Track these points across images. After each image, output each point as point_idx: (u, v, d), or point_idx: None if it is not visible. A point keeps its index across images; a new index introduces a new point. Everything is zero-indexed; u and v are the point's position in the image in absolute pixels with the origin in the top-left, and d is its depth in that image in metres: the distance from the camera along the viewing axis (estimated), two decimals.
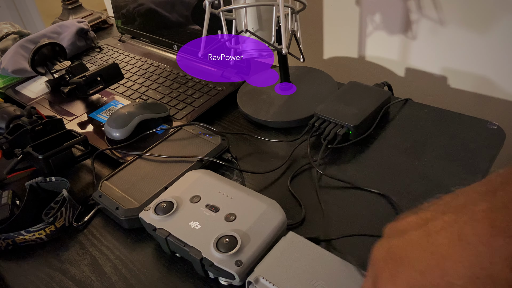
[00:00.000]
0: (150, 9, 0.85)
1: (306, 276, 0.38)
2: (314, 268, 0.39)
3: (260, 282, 0.39)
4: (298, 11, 0.53)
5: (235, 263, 0.41)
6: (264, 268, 0.40)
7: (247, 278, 0.41)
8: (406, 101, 0.63)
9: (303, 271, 0.38)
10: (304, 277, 0.38)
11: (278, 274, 0.39)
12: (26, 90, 0.82)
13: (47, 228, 0.51)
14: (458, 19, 0.62)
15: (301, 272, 0.38)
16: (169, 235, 0.44)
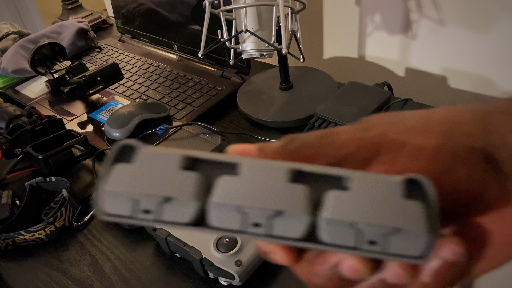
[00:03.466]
0: (150, 9, 0.85)
1: None
2: None
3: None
4: (298, 11, 0.52)
5: (235, 263, 0.41)
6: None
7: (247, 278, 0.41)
8: (406, 101, 0.63)
9: None
10: None
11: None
12: (26, 90, 0.82)
13: (47, 228, 0.51)
14: (458, 19, 0.61)
15: None
16: (169, 235, 0.44)
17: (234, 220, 0.15)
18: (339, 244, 0.15)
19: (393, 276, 0.16)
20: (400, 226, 0.14)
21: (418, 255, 0.15)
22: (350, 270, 0.16)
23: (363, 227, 0.15)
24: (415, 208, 0.15)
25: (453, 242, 0.16)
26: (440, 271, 0.16)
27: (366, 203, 0.15)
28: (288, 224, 0.15)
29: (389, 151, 0.18)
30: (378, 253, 0.15)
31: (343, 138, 0.18)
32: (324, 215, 0.15)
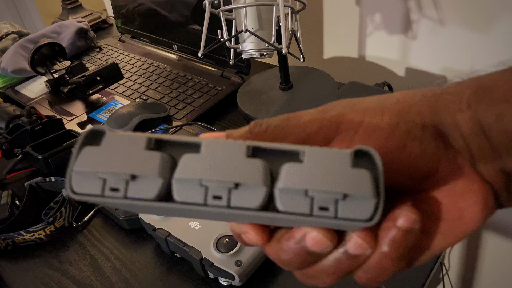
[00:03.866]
0: (150, 9, 0.85)
1: None
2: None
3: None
4: (298, 11, 0.52)
5: (235, 263, 0.41)
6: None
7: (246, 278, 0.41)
8: None
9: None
10: None
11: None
12: (25, 90, 0.81)
13: (47, 228, 0.51)
14: (459, 18, 0.61)
15: None
16: (169, 235, 0.44)
17: (196, 194, 0.16)
18: (294, 212, 0.16)
19: (354, 247, 0.17)
20: (348, 192, 0.16)
21: (366, 218, 0.16)
22: (313, 241, 0.17)
23: (314, 195, 0.16)
24: (362, 175, 0.16)
25: (407, 211, 0.17)
26: (396, 239, 0.17)
27: (317, 172, 0.16)
28: (247, 196, 0.16)
29: (347, 130, 0.19)
30: (330, 218, 0.16)
31: (305, 119, 0.20)
32: (278, 185, 0.16)
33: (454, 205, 0.19)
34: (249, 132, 0.19)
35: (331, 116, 0.20)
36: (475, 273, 0.84)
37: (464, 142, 0.19)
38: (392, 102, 0.20)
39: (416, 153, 0.19)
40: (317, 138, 0.19)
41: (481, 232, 0.77)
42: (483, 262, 0.82)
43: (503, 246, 0.76)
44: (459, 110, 0.19)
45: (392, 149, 0.19)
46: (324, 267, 0.19)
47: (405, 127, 0.19)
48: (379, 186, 0.16)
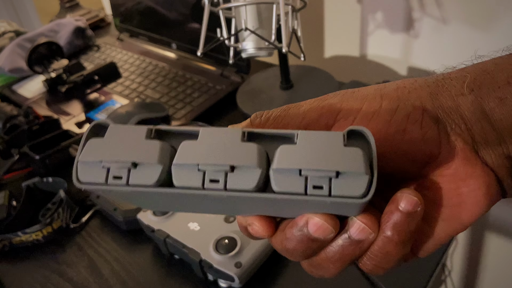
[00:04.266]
0: (149, 7, 0.84)
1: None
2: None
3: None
4: (298, 9, 0.52)
5: (235, 265, 0.40)
6: None
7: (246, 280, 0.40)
8: None
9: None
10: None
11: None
12: (23, 90, 0.81)
13: (44, 229, 0.50)
14: (461, 17, 0.61)
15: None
16: (168, 236, 0.44)
17: (194, 179, 0.17)
18: (289, 192, 0.16)
19: (357, 231, 0.18)
20: (341, 169, 0.16)
21: (360, 195, 0.16)
22: (315, 227, 0.17)
23: (308, 173, 0.16)
24: (355, 152, 0.16)
25: (409, 193, 0.17)
26: (399, 222, 0.17)
27: (310, 152, 0.16)
28: (243, 178, 0.16)
29: (346, 117, 0.19)
30: (325, 196, 0.16)
31: (304, 108, 0.20)
32: (272, 166, 0.17)
33: (456, 191, 0.19)
34: (250, 124, 0.20)
35: (330, 104, 0.20)
36: (478, 274, 0.84)
37: (466, 126, 0.19)
38: (392, 89, 0.20)
39: (416, 137, 0.19)
40: (317, 126, 0.20)
41: (484, 233, 0.77)
42: (485, 264, 0.81)
43: (506, 247, 0.75)
44: (461, 94, 0.19)
45: (391, 133, 0.19)
46: (329, 254, 0.19)
47: (405, 111, 0.19)
48: (372, 163, 0.16)
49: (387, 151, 0.19)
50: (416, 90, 0.20)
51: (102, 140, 0.17)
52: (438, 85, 0.20)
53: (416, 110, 0.19)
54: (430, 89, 0.20)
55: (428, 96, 0.19)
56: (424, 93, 0.19)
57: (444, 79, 0.20)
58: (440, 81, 0.20)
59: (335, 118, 0.19)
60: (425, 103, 0.19)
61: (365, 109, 0.19)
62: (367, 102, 0.19)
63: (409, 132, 0.19)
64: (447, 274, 0.65)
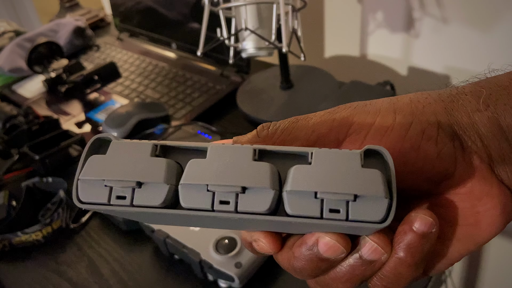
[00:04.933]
0: (148, 7, 0.84)
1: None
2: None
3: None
4: (299, 9, 0.52)
5: (235, 265, 0.40)
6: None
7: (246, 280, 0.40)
8: None
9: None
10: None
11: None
12: (22, 90, 0.81)
13: (44, 229, 0.50)
14: (462, 17, 0.61)
15: None
16: (168, 236, 0.44)
17: (203, 200, 0.16)
18: (303, 215, 0.16)
19: (369, 252, 0.17)
20: (359, 193, 0.15)
21: (379, 220, 0.15)
22: (326, 247, 0.17)
23: (324, 196, 0.15)
24: (373, 174, 0.15)
25: (424, 214, 0.17)
26: (413, 243, 0.17)
27: (326, 173, 0.16)
28: (254, 200, 0.16)
29: (358, 131, 0.19)
30: (342, 220, 0.15)
31: (314, 121, 0.19)
32: (286, 188, 0.16)
33: (471, 210, 0.19)
34: (256, 136, 0.19)
35: (341, 117, 0.19)
36: (478, 275, 0.84)
37: (482, 143, 0.18)
38: (405, 103, 0.19)
39: (432, 154, 0.18)
40: (327, 140, 0.19)
41: None
42: (486, 264, 0.81)
43: (506, 247, 0.75)
44: (477, 110, 0.18)
45: (406, 150, 0.18)
46: (338, 274, 0.18)
47: (420, 127, 0.18)
48: (391, 186, 0.16)
49: (401, 168, 0.18)
50: (431, 105, 0.19)
51: (104, 157, 0.16)
52: (453, 100, 0.19)
53: (431, 126, 0.18)
54: (445, 104, 0.19)
55: (443, 112, 0.19)
56: (439, 109, 0.19)
57: (458, 94, 0.19)
58: (455, 96, 0.19)
59: (346, 132, 0.19)
60: (440, 119, 0.19)
61: (378, 124, 0.19)
62: (380, 117, 0.19)
63: (424, 149, 0.18)
64: (447, 274, 0.65)
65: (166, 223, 0.21)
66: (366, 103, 0.20)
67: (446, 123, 0.19)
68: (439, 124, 0.18)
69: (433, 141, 0.18)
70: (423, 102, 0.19)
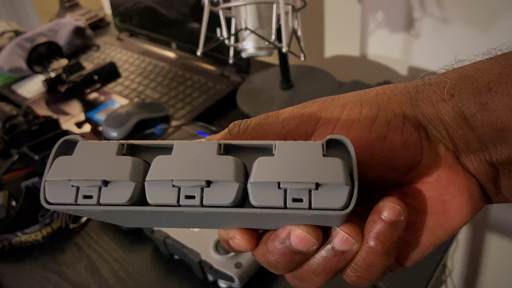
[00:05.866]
0: (148, 7, 0.84)
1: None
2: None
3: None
4: (299, 9, 0.52)
5: (235, 265, 0.40)
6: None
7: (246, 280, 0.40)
8: None
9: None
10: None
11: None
12: (22, 89, 0.81)
13: (44, 229, 0.50)
14: (462, 17, 0.61)
15: None
16: (168, 237, 0.44)
17: (168, 195, 0.16)
18: (268, 205, 0.16)
19: (340, 242, 0.17)
20: (320, 181, 0.15)
21: (341, 207, 0.15)
22: (298, 240, 0.17)
23: (287, 186, 0.16)
24: (334, 162, 0.16)
25: (391, 202, 0.17)
26: (382, 232, 0.17)
27: (288, 164, 0.16)
28: (219, 193, 0.16)
29: (326, 125, 0.19)
30: (305, 209, 0.16)
31: (284, 116, 0.20)
32: (250, 180, 0.16)
33: (439, 198, 0.19)
34: (228, 134, 0.19)
35: (310, 111, 0.19)
36: (478, 275, 0.84)
37: (447, 133, 0.19)
38: (372, 95, 0.20)
39: (398, 144, 0.18)
40: (296, 135, 0.19)
41: (484, 233, 0.77)
42: (486, 264, 0.81)
43: (506, 247, 0.75)
44: (441, 100, 0.19)
45: (372, 141, 0.18)
46: (312, 266, 0.18)
47: (385, 118, 0.19)
48: (353, 174, 0.16)
49: (368, 159, 0.18)
50: (396, 97, 0.19)
51: (71, 158, 0.16)
52: (418, 91, 0.19)
53: (396, 116, 0.19)
54: (410, 95, 0.19)
55: (409, 103, 0.19)
56: (404, 100, 0.19)
57: (424, 84, 0.20)
58: (420, 86, 0.19)
59: (315, 126, 0.19)
60: (406, 109, 0.19)
61: (345, 117, 0.19)
62: (347, 110, 0.19)
63: (390, 139, 0.18)
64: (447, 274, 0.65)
65: (137, 223, 0.21)
66: (334, 97, 0.20)
67: (411, 113, 0.19)
68: (404, 114, 0.19)
69: (399, 131, 0.18)
70: (388, 94, 0.19)
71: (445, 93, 0.19)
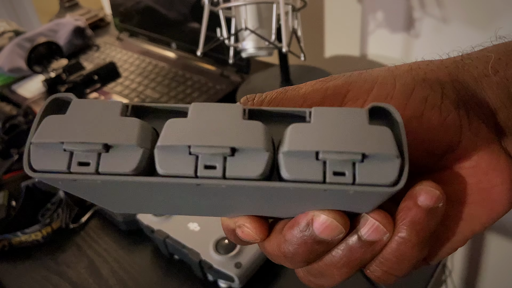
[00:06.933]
0: (148, 7, 0.84)
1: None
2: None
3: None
4: (299, 9, 0.52)
5: (235, 265, 0.40)
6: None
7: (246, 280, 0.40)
8: None
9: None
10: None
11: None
12: (22, 89, 0.81)
13: (44, 229, 0.50)
14: (462, 17, 0.61)
15: None
16: (168, 236, 0.44)
17: (184, 165, 0.13)
18: (303, 179, 0.13)
19: (369, 231, 0.15)
20: (368, 151, 0.13)
21: (391, 182, 0.13)
22: (323, 227, 0.15)
23: (327, 157, 0.13)
24: (383, 132, 0.13)
25: (429, 186, 0.15)
26: (418, 220, 0.15)
27: (329, 131, 0.13)
28: (246, 163, 0.13)
29: (355, 99, 0.17)
30: (348, 184, 0.13)
31: (305, 89, 0.17)
32: (283, 149, 0.13)
33: (477, 186, 0.17)
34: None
35: (336, 85, 0.17)
36: (478, 275, 0.84)
37: (490, 111, 0.17)
38: (405, 70, 0.17)
39: (435, 124, 0.16)
40: None
41: (485, 233, 0.77)
42: (486, 264, 0.81)
43: (507, 247, 0.75)
44: (484, 75, 0.17)
45: (407, 118, 0.16)
46: (334, 258, 0.16)
47: (422, 94, 0.16)
48: (402, 146, 0.14)
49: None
50: (433, 72, 0.17)
51: (64, 116, 0.13)
52: (458, 66, 0.17)
53: (434, 93, 0.16)
54: (449, 70, 0.17)
55: (448, 78, 0.17)
56: (442, 75, 0.17)
57: (464, 59, 0.18)
58: (460, 62, 0.18)
59: (341, 101, 0.17)
60: (445, 85, 0.17)
61: (376, 92, 0.17)
62: (378, 84, 0.17)
63: (427, 118, 0.16)
64: (447, 275, 0.65)
65: (132, 206, 0.18)
66: (361, 72, 0.18)
67: (450, 89, 0.17)
68: (443, 91, 0.17)
69: (437, 109, 0.16)
70: (424, 69, 0.17)
71: (489, 68, 0.17)
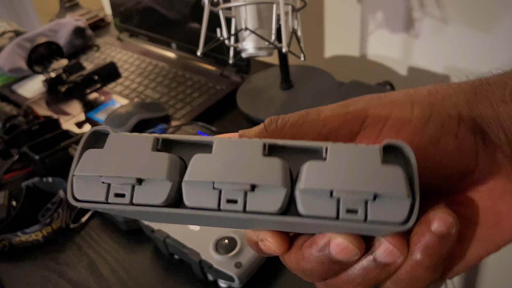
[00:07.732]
0: (149, 7, 0.84)
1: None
2: None
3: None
4: (299, 9, 0.52)
5: (235, 265, 0.40)
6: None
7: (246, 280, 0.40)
8: None
9: None
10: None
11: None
12: (22, 90, 0.81)
13: (44, 229, 0.50)
14: (462, 17, 0.61)
15: None
16: (168, 236, 0.44)
17: (208, 198, 0.14)
18: (318, 215, 0.14)
19: (384, 254, 0.16)
20: (379, 191, 0.14)
21: (401, 221, 0.14)
22: (339, 249, 0.15)
23: (341, 195, 0.14)
24: (394, 172, 0.14)
25: (443, 212, 0.15)
26: (431, 245, 0.15)
27: (343, 170, 0.14)
28: (265, 198, 0.14)
29: (373, 125, 0.17)
30: (360, 222, 0.14)
31: (326, 114, 0.18)
32: (299, 186, 0.14)
33: (492, 209, 0.17)
34: (264, 130, 0.18)
35: (355, 110, 0.18)
36: (478, 274, 0.84)
37: (506, 137, 0.17)
38: (423, 94, 0.18)
39: (451, 149, 0.17)
40: (339, 134, 0.18)
41: None
42: (486, 264, 0.81)
43: (506, 247, 0.75)
44: (502, 102, 0.17)
45: (424, 144, 0.17)
46: (350, 277, 0.17)
47: (439, 120, 0.17)
48: (413, 184, 0.14)
49: (419, 163, 0.16)
50: (451, 97, 0.18)
51: (102, 151, 0.15)
52: (476, 91, 0.18)
53: (451, 119, 0.17)
54: (467, 96, 0.18)
55: (465, 104, 0.17)
56: (460, 100, 0.17)
57: (482, 84, 0.18)
58: (478, 87, 0.18)
59: (360, 126, 0.18)
60: (462, 111, 0.17)
61: (394, 117, 0.17)
62: (396, 109, 0.17)
63: (443, 143, 0.17)
64: None
65: (167, 221, 0.20)
66: (380, 95, 0.18)
67: (467, 115, 0.17)
68: (460, 116, 0.17)
69: (453, 135, 0.17)
70: (442, 94, 0.18)
71: (506, 94, 0.17)
